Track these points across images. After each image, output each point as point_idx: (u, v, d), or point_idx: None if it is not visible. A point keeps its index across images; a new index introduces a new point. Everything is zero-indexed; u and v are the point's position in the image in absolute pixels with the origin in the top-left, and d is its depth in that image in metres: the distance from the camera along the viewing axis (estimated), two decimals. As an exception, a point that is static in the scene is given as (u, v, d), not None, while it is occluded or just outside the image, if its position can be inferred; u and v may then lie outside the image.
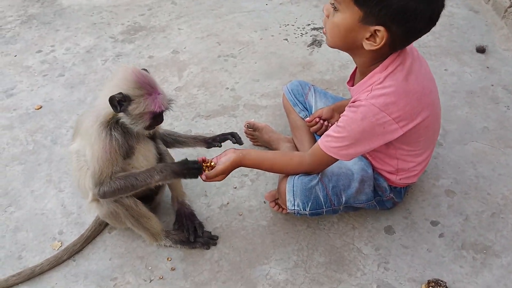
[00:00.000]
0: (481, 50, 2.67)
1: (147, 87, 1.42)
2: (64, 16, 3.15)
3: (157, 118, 1.49)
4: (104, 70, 2.64)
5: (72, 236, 1.77)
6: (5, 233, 1.79)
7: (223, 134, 1.77)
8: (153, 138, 1.68)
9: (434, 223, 1.78)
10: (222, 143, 1.78)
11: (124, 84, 1.41)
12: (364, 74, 1.47)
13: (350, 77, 1.63)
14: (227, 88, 2.48)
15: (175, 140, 1.78)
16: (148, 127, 1.50)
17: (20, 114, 2.36)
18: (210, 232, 1.76)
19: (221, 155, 1.59)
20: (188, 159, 1.54)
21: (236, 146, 1.75)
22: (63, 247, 1.72)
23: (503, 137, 2.13)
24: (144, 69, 1.49)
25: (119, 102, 1.39)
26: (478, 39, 2.78)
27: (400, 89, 1.38)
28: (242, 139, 1.78)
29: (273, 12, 3.13)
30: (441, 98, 1.61)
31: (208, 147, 1.78)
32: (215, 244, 1.73)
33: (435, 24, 1.34)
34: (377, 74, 1.41)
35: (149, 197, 1.77)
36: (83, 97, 2.45)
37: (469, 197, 1.87)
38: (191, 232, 1.72)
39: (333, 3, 1.38)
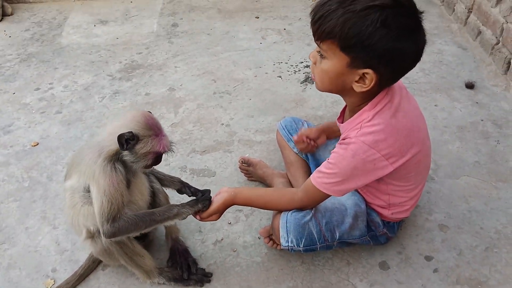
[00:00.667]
0: (470, 86, 2.73)
1: (155, 129, 1.48)
2: (63, 55, 3.23)
3: (158, 158, 1.54)
4: (101, 107, 2.69)
5: (65, 274, 1.75)
6: (-3, 271, 1.78)
7: (196, 189, 1.73)
8: (146, 174, 1.71)
9: (428, 258, 1.78)
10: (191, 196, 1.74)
11: (134, 125, 1.47)
12: (353, 112, 1.51)
13: (340, 114, 1.67)
14: (222, 124, 2.52)
15: (151, 174, 1.78)
16: (147, 166, 1.54)
17: (16, 150, 2.39)
18: (204, 269, 1.75)
19: (216, 194, 1.61)
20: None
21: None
22: (56, 285, 1.71)
23: (494, 171, 2.16)
24: (149, 112, 1.55)
25: (126, 140, 1.44)
26: (467, 75, 2.85)
27: (388, 127, 1.41)
28: (238, 174, 1.79)
29: (267, 50, 3.21)
30: (432, 133, 1.65)
31: (179, 192, 1.77)
32: (209, 281, 1.72)
33: (420, 59, 1.38)
34: (366, 112, 1.45)
35: (143, 234, 1.77)
36: (79, 134, 2.48)
37: (462, 231, 1.88)
38: (184, 270, 1.71)
39: (319, 51, 1.42)
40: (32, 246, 1.88)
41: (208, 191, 1.67)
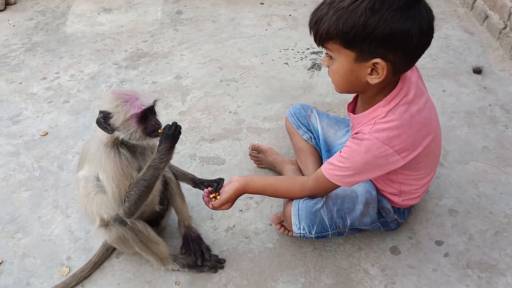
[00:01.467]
0: (477, 71, 2.73)
1: (123, 96, 1.44)
2: (68, 44, 3.22)
3: (148, 121, 1.48)
4: (109, 96, 2.69)
5: (80, 262, 1.78)
6: (13, 260, 1.80)
7: (210, 181, 1.74)
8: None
9: (439, 243, 1.80)
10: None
11: (103, 103, 1.46)
12: (369, 104, 1.50)
13: (350, 104, 1.65)
14: (230, 112, 2.53)
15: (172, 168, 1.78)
16: (146, 134, 1.48)
17: (26, 140, 2.40)
18: (217, 256, 1.77)
19: (227, 184, 1.63)
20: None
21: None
22: (71, 273, 1.73)
23: (503, 156, 2.16)
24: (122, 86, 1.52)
25: (105, 122, 1.42)
26: (474, 60, 2.84)
27: (402, 123, 1.41)
28: (247, 161, 1.80)
29: (273, 37, 3.20)
30: (440, 119, 1.65)
31: (194, 187, 1.79)
32: (222, 267, 1.74)
33: (431, 35, 1.34)
34: (380, 108, 1.44)
35: (155, 221, 1.79)
36: (88, 123, 2.49)
37: (472, 216, 1.90)
38: (198, 256, 1.73)
39: (327, 54, 1.43)
40: (45, 235, 1.90)
41: (222, 179, 1.68)
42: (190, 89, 2.72)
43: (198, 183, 1.78)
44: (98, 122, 1.43)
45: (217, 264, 1.74)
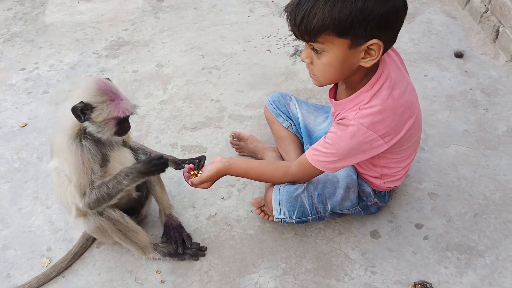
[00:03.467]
0: (459, 55, 2.73)
1: (109, 94, 1.44)
2: (47, 33, 3.16)
3: (123, 124, 1.50)
4: (89, 86, 2.65)
5: (60, 253, 1.77)
6: (-8, 252, 1.79)
7: (191, 159, 1.74)
8: (131, 149, 1.71)
9: (419, 226, 1.81)
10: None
11: (86, 93, 1.43)
12: (352, 89, 1.49)
13: (331, 90, 1.65)
14: (212, 100, 2.51)
15: (144, 155, 1.76)
16: (116, 134, 1.51)
17: (5, 132, 2.36)
18: (199, 244, 1.77)
19: (209, 163, 1.62)
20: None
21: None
22: (51, 264, 1.72)
23: (483, 139, 2.18)
24: (107, 78, 1.51)
25: (81, 111, 1.41)
26: (456, 44, 2.85)
27: (385, 107, 1.41)
28: (229, 149, 1.80)
29: (256, 24, 3.17)
30: (421, 103, 1.65)
31: (177, 169, 1.77)
32: (203, 255, 1.74)
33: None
34: (363, 93, 1.44)
35: (135, 210, 1.78)
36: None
37: (451, 199, 1.91)
38: (179, 244, 1.73)
39: (313, 48, 1.38)
40: (26, 226, 1.88)
41: (203, 156, 1.66)
42: (172, 77, 2.69)
43: (179, 163, 1.75)
44: (73, 109, 1.40)
45: (198, 252, 1.74)
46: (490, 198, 1.91)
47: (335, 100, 1.59)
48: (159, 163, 1.51)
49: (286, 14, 1.36)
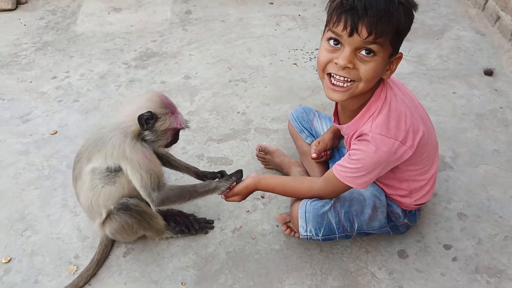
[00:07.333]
0: (488, 72, 2.70)
1: (170, 107, 1.58)
2: (78, 43, 3.24)
3: (176, 136, 1.63)
4: (118, 96, 2.70)
5: (87, 260, 1.78)
6: (22, 257, 1.82)
7: (214, 173, 1.85)
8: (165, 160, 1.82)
9: (447, 247, 1.78)
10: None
11: (151, 104, 1.55)
12: (355, 111, 1.52)
13: (335, 117, 1.68)
14: (238, 112, 2.52)
15: (168, 162, 1.86)
16: (167, 145, 1.63)
17: (35, 139, 2.41)
18: (205, 218, 1.88)
19: (244, 178, 1.68)
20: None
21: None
22: (79, 271, 1.74)
23: (514, 159, 2.14)
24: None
25: (146, 120, 1.52)
26: (486, 61, 2.81)
27: (395, 111, 1.44)
28: (254, 162, 1.82)
29: (282, 37, 3.19)
30: (450, 121, 1.64)
31: (197, 179, 1.86)
32: (212, 228, 1.87)
33: None
34: (373, 104, 1.46)
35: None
36: (97, 122, 2.50)
37: (481, 220, 1.88)
38: (189, 224, 1.85)
39: (369, 51, 1.31)
40: (54, 233, 1.91)
41: (240, 170, 1.70)
42: (199, 89, 2.72)
43: (201, 176, 1.85)
44: (140, 117, 1.51)
45: (207, 225, 1.88)
46: (521, 220, 1.87)
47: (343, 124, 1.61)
48: (239, 173, 1.67)
49: (353, 4, 1.27)
